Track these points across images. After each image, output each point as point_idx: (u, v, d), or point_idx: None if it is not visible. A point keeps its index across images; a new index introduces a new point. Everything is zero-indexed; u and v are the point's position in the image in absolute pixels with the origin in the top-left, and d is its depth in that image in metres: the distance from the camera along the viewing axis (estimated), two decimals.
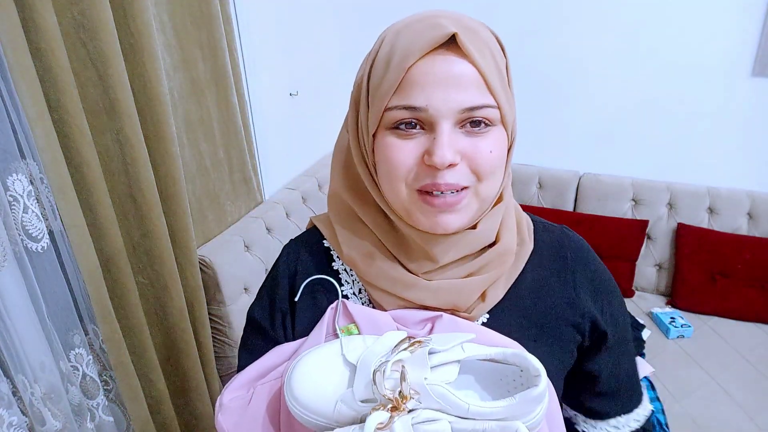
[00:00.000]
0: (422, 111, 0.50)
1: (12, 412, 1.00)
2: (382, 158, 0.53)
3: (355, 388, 0.49)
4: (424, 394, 0.47)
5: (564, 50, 2.11)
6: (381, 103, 0.51)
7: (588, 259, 0.64)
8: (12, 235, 0.98)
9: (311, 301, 0.62)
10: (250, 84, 1.78)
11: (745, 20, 1.85)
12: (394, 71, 0.50)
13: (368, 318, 0.58)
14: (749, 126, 1.98)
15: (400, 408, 0.46)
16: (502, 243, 0.59)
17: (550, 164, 2.27)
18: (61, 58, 1.01)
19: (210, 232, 1.66)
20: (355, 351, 0.52)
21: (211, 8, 1.50)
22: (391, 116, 0.51)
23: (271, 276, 0.67)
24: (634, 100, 2.09)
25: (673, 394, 1.63)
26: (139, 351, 1.30)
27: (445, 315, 0.57)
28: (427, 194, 0.52)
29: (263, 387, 0.58)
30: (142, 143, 1.21)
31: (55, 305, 1.11)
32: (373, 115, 0.53)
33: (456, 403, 0.47)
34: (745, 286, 1.93)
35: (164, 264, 1.32)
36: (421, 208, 0.53)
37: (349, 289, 0.63)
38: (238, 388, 0.59)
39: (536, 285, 0.62)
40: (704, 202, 2.04)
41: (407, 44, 0.50)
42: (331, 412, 0.50)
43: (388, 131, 0.53)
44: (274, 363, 0.60)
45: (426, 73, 0.49)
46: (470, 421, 0.47)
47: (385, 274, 0.58)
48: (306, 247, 0.66)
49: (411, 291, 0.58)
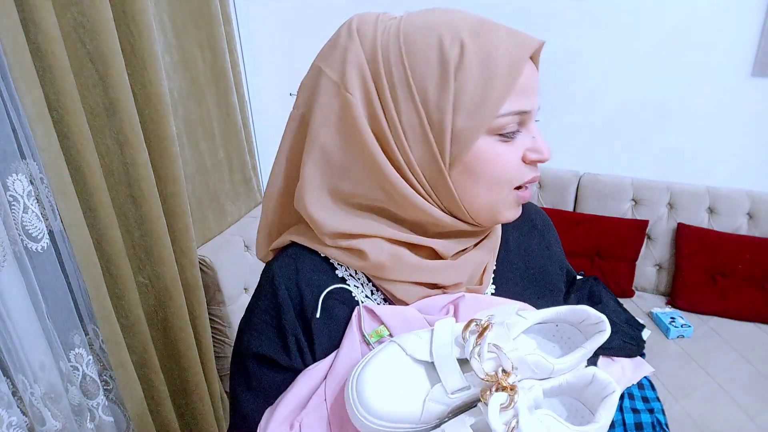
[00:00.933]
0: (528, 114, 0.53)
1: (12, 412, 1.00)
2: (487, 164, 0.53)
3: (444, 382, 0.48)
4: (522, 365, 0.49)
5: (564, 50, 2.11)
6: (492, 111, 0.50)
7: (547, 219, 0.74)
8: (12, 235, 0.98)
9: (326, 315, 0.58)
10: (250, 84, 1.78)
11: (745, 20, 1.85)
12: (506, 77, 0.50)
13: (396, 316, 0.56)
14: (749, 126, 1.98)
15: (503, 385, 0.46)
16: None
17: (550, 164, 2.27)
18: (61, 58, 1.01)
19: (210, 232, 1.66)
20: (420, 348, 0.50)
21: (211, 8, 1.50)
22: (501, 123, 0.52)
23: (268, 302, 0.59)
24: (634, 100, 2.09)
25: (673, 394, 1.62)
26: (139, 351, 1.30)
27: (466, 294, 0.58)
28: (519, 189, 0.57)
29: (310, 417, 0.54)
30: (142, 143, 1.21)
31: (55, 305, 1.11)
32: (477, 124, 0.51)
33: (545, 366, 0.49)
34: (745, 286, 1.93)
35: (164, 264, 1.32)
36: (512, 204, 0.57)
37: (361, 292, 0.60)
38: (279, 425, 0.54)
39: (521, 250, 0.68)
40: (704, 202, 2.04)
41: (510, 49, 0.51)
42: (419, 414, 0.48)
43: (489, 137, 0.53)
44: (309, 389, 0.55)
45: (530, 77, 0.53)
46: (551, 379, 0.51)
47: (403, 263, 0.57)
48: (300, 263, 0.60)
49: (435, 273, 0.58)
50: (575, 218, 2.15)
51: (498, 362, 0.47)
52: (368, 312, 0.57)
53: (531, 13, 2.09)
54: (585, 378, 0.50)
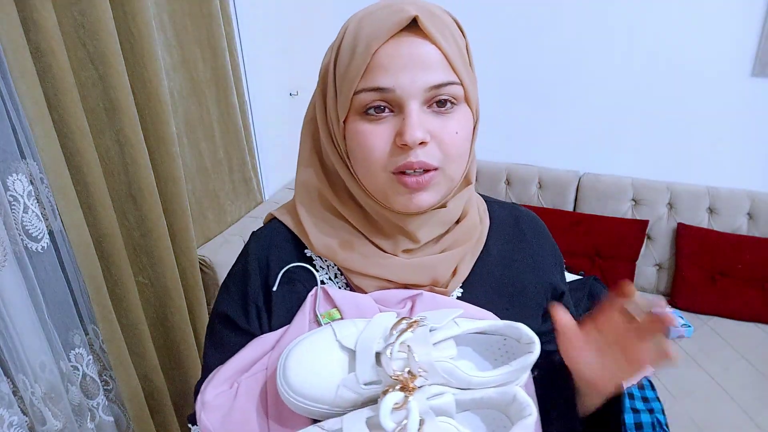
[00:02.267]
0: (390, 92, 0.51)
1: (12, 411, 1.00)
2: (356, 145, 0.55)
3: (358, 372, 0.50)
4: (432, 371, 0.49)
5: (564, 50, 2.11)
6: (350, 88, 0.53)
7: (542, 231, 0.70)
8: (12, 235, 0.98)
9: (288, 290, 0.61)
10: (250, 84, 1.78)
11: (745, 20, 1.85)
12: (361, 56, 0.52)
13: (350, 302, 0.58)
14: (749, 126, 1.98)
15: (409, 387, 0.47)
16: (469, 218, 0.63)
17: (550, 164, 2.27)
18: (61, 58, 1.01)
19: (210, 232, 1.66)
20: (350, 336, 0.52)
21: (211, 8, 1.50)
22: (360, 100, 0.53)
23: (240, 268, 0.64)
24: (634, 100, 2.09)
25: (673, 394, 1.62)
26: (139, 351, 1.30)
27: (425, 292, 0.59)
28: (402, 174, 0.54)
29: (249, 381, 0.57)
30: (142, 143, 1.21)
31: (55, 305, 1.11)
32: (342, 101, 0.54)
33: (461, 376, 0.49)
34: (745, 286, 1.93)
35: (164, 264, 1.32)
36: (398, 190, 0.55)
37: (325, 274, 0.62)
38: (220, 384, 0.58)
39: (501, 257, 0.66)
40: (704, 202, 2.04)
41: (372, 30, 0.52)
42: (333, 398, 0.50)
43: (358, 117, 0.54)
44: (256, 355, 0.59)
45: (391, 56, 0.51)
46: (471, 391, 0.50)
47: (362, 257, 0.59)
48: (275, 238, 0.65)
49: (391, 270, 0.59)
50: (575, 218, 2.15)
51: (407, 363, 0.48)
52: (324, 294, 0.59)
53: (531, 13, 2.09)
54: (507, 396, 0.50)
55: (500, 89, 2.26)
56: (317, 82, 0.60)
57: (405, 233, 0.59)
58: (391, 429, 0.45)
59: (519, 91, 2.25)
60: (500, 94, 2.27)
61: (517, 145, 2.32)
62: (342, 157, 0.59)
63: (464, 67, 0.54)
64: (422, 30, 0.51)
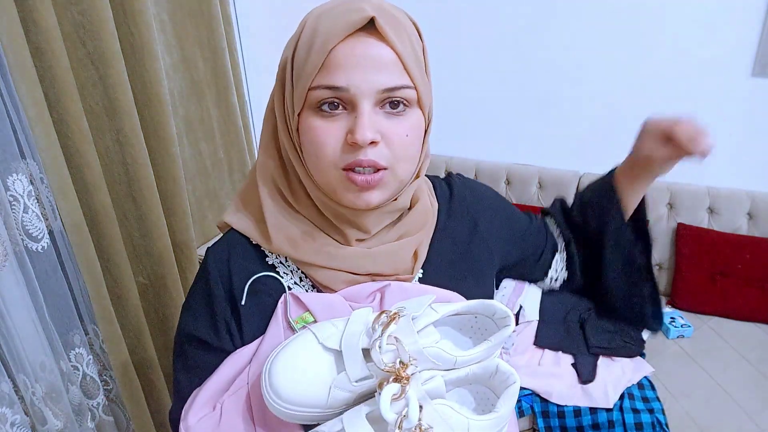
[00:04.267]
0: (344, 91, 0.52)
1: (14, 410, 1.00)
2: (308, 139, 0.55)
3: (348, 371, 0.50)
4: (421, 357, 0.50)
5: (564, 50, 2.11)
6: (305, 83, 0.53)
7: (484, 195, 0.73)
8: (12, 234, 0.98)
9: (255, 301, 0.61)
10: (250, 84, 1.78)
11: (745, 20, 1.85)
12: (317, 53, 0.52)
13: (321, 303, 0.58)
14: (749, 126, 1.98)
15: (402, 376, 0.47)
16: (421, 203, 0.65)
17: (550, 164, 2.27)
18: (61, 58, 1.01)
19: (210, 232, 1.66)
20: (332, 336, 0.53)
21: (211, 8, 1.50)
22: (315, 96, 0.53)
23: (202, 287, 0.62)
24: (634, 100, 2.09)
25: (673, 394, 1.62)
26: (139, 351, 1.30)
27: (392, 283, 0.59)
28: (351, 171, 0.54)
29: (231, 398, 0.56)
30: (142, 143, 1.21)
31: (55, 305, 1.11)
32: (298, 94, 0.55)
33: (447, 358, 0.52)
34: (745, 286, 1.93)
35: (164, 264, 1.32)
36: (347, 186, 0.55)
37: (290, 279, 0.62)
38: (201, 408, 0.56)
39: (450, 232, 0.68)
40: (704, 202, 2.04)
41: (329, 27, 0.52)
42: (325, 400, 0.50)
43: (312, 112, 0.55)
44: (234, 372, 0.58)
45: (347, 55, 0.52)
46: (456, 370, 0.53)
47: (321, 249, 0.60)
48: (233, 249, 0.63)
49: (351, 260, 0.59)
50: None
51: (397, 354, 0.49)
52: (294, 299, 0.59)
53: (531, 13, 2.09)
54: (489, 369, 0.53)
55: (500, 89, 2.26)
56: (276, 73, 0.61)
57: (355, 225, 0.60)
58: (393, 420, 0.45)
59: (519, 91, 2.25)
60: (500, 94, 2.27)
61: (517, 145, 2.32)
62: (296, 149, 0.59)
63: (419, 70, 0.55)
64: (379, 31, 0.52)
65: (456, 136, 2.37)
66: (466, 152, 2.37)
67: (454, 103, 2.35)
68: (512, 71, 2.21)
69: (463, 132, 2.38)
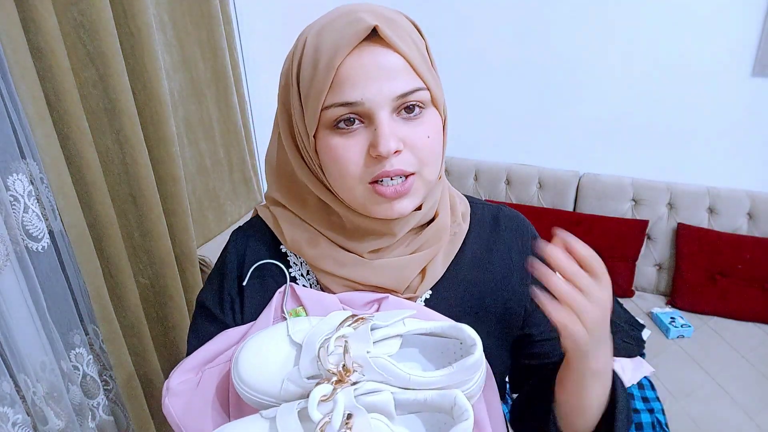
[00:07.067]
0: (359, 105, 0.51)
1: (16, 410, 1.00)
2: (330, 159, 0.54)
3: (300, 366, 0.51)
4: (367, 366, 0.49)
5: (564, 50, 2.11)
6: (317, 104, 0.52)
7: (522, 229, 0.67)
8: (13, 234, 0.98)
9: (260, 285, 0.63)
10: (250, 84, 1.78)
11: (745, 20, 1.85)
12: (324, 71, 0.51)
13: (316, 300, 0.59)
14: (749, 126, 1.98)
15: (344, 381, 0.47)
16: (440, 219, 0.63)
17: (550, 164, 2.27)
18: (61, 58, 1.01)
19: (210, 232, 1.66)
20: (301, 331, 0.54)
21: (211, 8, 1.50)
22: (329, 115, 0.52)
23: (220, 262, 0.67)
24: (634, 100, 2.09)
25: (673, 394, 1.62)
26: (139, 351, 1.30)
27: (390, 296, 0.59)
28: (377, 184, 0.54)
29: (212, 371, 0.59)
30: (142, 143, 1.21)
31: (56, 305, 1.11)
32: (310, 116, 0.54)
33: (397, 373, 0.49)
34: (745, 286, 1.93)
35: (164, 264, 1.32)
36: (376, 200, 0.55)
37: (297, 271, 0.64)
38: (186, 372, 0.60)
39: (475, 260, 0.65)
40: (704, 202, 2.04)
41: (332, 42, 0.51)
42: (278, 391, 0.51)
43: (328, 131, 0.54)
44: (221, 347, 0.61)
45: (355, 68, 0.51)
46: (412, 391, 0.50)
47: (327, 256, 0.60)
48: (253, 233, 0.67)
49: (354, 270, 0.60)
50: (575, 218, 2.15)
51: (342, 357, 0.49)
52: (292, 292, 0.61)
53: (532, 14, 2.09)
54: (448, 399, 0.49)
55: (500, 89, 2.26)
56: (278, 95, 0.60)
57: (379, 233, 0.59)
58: (318, 419, 0.45)
59: (519, 91, 2.25)
60: (500, 94, 2.27)
61: (517, 145, 2.32)
62: (314, 171, 0.59)
63: (428, 70, 0.54)
64: (383, 38, 0.51)
65: (456, 136, 2.36)
66: (466, 152, 2.37)
67: (453, 104, 2.35)
68: (512, 71, 2.21)
69: (463, 132, 2.38)
